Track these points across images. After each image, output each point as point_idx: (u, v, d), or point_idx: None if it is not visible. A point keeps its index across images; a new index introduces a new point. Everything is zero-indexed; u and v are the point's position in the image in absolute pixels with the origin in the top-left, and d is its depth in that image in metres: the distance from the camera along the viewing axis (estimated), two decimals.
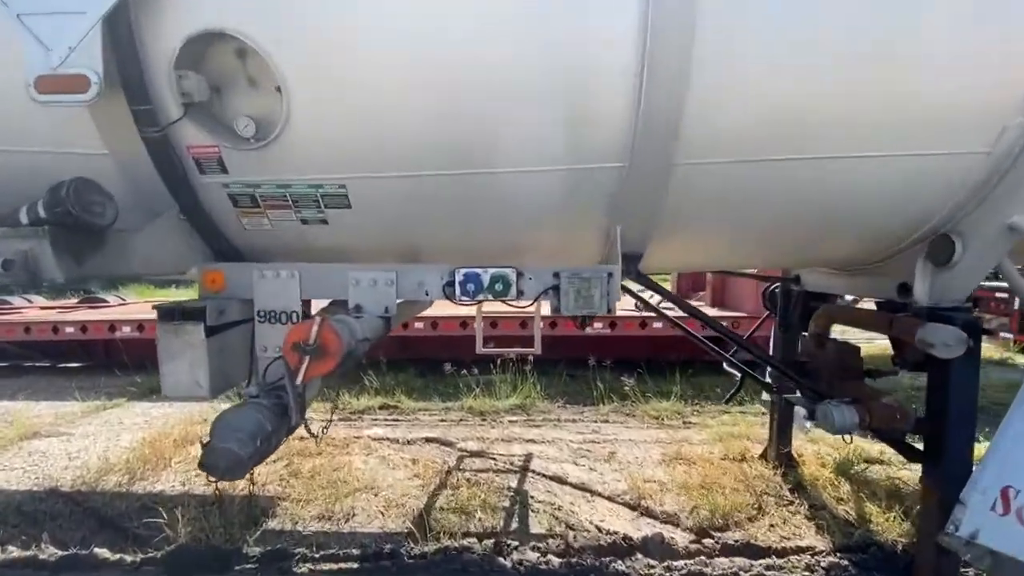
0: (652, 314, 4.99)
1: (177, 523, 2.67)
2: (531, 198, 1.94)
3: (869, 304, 2.87)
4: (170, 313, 1.81)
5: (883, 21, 1.63)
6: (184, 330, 1.81)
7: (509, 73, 1.68)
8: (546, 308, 2.07)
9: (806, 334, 3.05)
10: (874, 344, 4.18)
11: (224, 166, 1.83)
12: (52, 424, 4.51)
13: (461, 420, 4.61)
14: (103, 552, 2.55)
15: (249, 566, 2.47)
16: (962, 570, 2.27)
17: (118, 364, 6.22)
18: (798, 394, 2.92)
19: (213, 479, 1.71)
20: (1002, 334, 7.51)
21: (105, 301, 8.64)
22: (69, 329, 5.93)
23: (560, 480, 3.41)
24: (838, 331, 3.00)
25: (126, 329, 5.87)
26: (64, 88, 1.50)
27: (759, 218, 2.09)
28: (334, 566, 2.48)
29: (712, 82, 1.66)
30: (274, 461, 3.72)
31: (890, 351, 2.49)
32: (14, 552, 2.56)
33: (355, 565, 2.48)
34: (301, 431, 1.99)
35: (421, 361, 5.94)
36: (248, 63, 1.72)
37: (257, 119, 1.76)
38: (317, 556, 2.53)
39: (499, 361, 5.40)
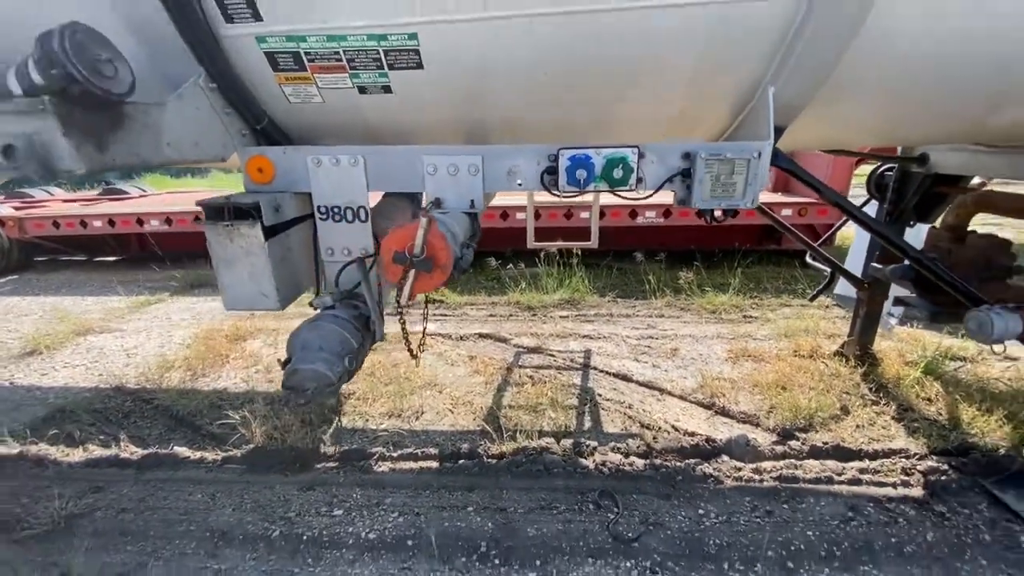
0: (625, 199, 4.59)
1: (251, 422, 2.65)
2: (669, 46, 1.45)
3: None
4: (219, 212, 1.49)
5: None
6: (239, 233, 1.50)
7: None
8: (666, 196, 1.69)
9: (931, 226, 2.64)
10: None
11: (256, 10, 1.37)
12: (102, 320, 4.50)
13: (511, 315, 4.47)
14: (183, 451, 2.56)
15: (329, 465, 2.45)
16: None
17: (152, 258, 6.15)
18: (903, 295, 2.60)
19: (299, 404, 1.53)
20: None
21: (126, 193, 8.37)
22: (97, 223, 5.73)
23: (625, 377, 3.30)
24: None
25: (154, 223, 5.65)
26: None
27: (945, 79, 1.58)
28: (414, 464, 2.45)
29: None
30: None
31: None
32: (96, 451, 2.59)
33: (434, 464, 2.45)
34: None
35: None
36: None
37: None
38: (395, 455, 2.50)
39: (543, 254, 5.12)
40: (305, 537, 2.03)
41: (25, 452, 2.56)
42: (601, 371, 3.40)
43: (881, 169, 3.05)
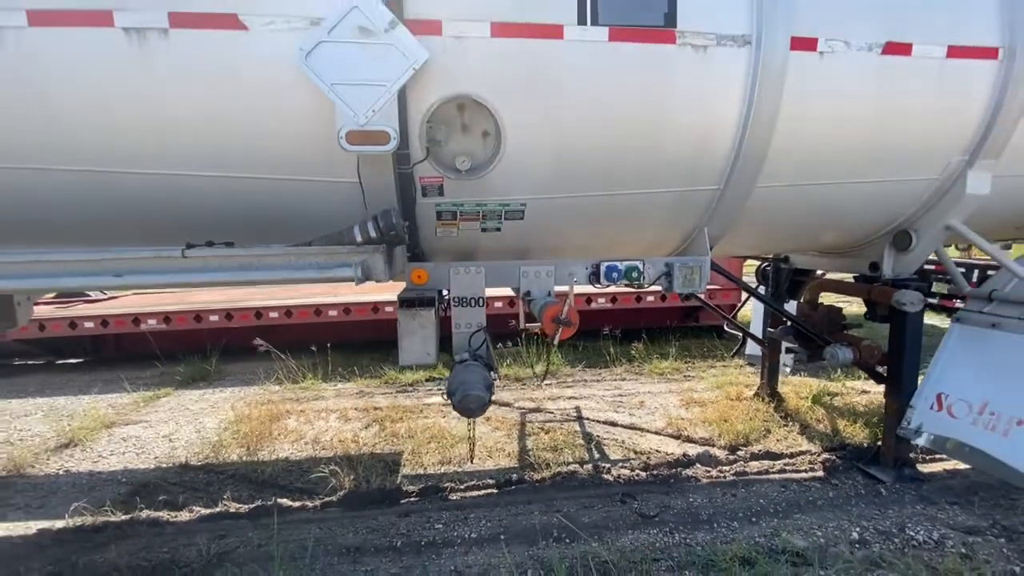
0: (648, 290, 6.04)
1: (339, 474, 3.25)
2: (651, 210, 2.71)
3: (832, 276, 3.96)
4: (411, 302, 2.41)
5: (893, 100, 2.54)
6: (420, 314, 2.42)
7: (657, 123, 2.42)
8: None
9: (797, 301, 4.10)
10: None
11: (442, 190, 2.43)
12: (118, 414, 4.70)
13: (505, 386, 5.35)
14: (285, 501, 3.08)
15: (412, 499, 3.12)
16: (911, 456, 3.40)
17: (126, 358, 6.31)
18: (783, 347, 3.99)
19: (467, 417, 2.38)
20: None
21: (86, 296, 8.32)
22: (89, 324, 5.91)
23: (612, 423, 4.29)
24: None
25: (152, 322, 5.96)
26: (369, 141, 2.05)
27: (790, 221, 3.01)
28: (480, 492, 3.19)
29: (786, 133, 2.50)
30: (367, 427, 4.30)
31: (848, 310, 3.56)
32: (202, 511, 3.03)
33: (495, 490, 3.21)
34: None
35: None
36: (464, 115, 2.33)
37: (469, 156, 2.38)
38: (462, 487, 3.23)
39: (524, 335, 6.16)
40: (423, 542, 2.69)
41: (136, 517, 2.93)
42: (592, 420, 4.37)
43: (764, 265, 4.59)
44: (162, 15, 1.97)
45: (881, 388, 3.45)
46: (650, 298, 6.50)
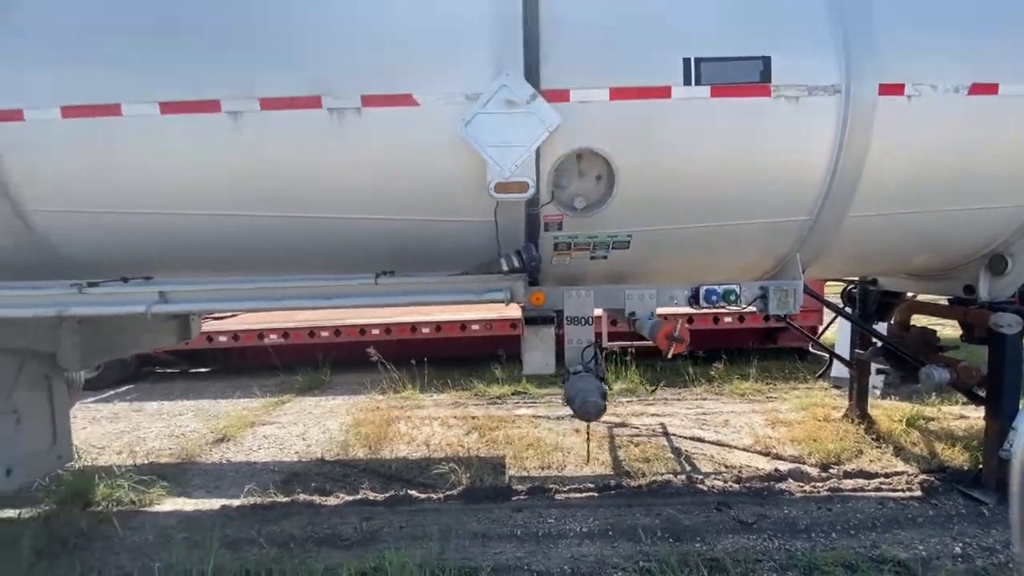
0: (725, 311, 6.18)
1: (458, 472, 3.70)
2: (745, 238, 3.00)
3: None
4: (534, 320, 2.84)
5: (981, 135, 2.72)
6: (542, 331, 2.84)
7: (753, 164, 2.74)
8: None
9: (887, 323, 4.17)
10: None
11: (561, 226, 2.86)
12: (255, 415, 5.45)
13: None
14: (414, 492, 3.56)
15: (523, 497, 3.50)
16: None
17: (247, 368, 7.20)
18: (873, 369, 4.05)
19: (586, 421, 2.76)
20: None
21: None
22: (223, 338, 6.86)
23: (699, 439, 4.49)
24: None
25: (273, 337, 6.82)
26: (512, 190, 2.52)
27: (882, 246, 3.19)
28: (582, 495, 3.52)
29: (876, 168, 2.74)
30: (467, 433, 4.76)
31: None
32: (347, 497, 3.56)
33: (595, 494, 3.52)
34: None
35: None
36: (581, 163, 2.76)
37: (585, 196, 2.80)
38: (565, 489, 3.57)
39: (604, 353, 6.46)
40: (539, 533, 3.05)
41: (295, 499, 3.51)
42: (678, 436, 4.59)
43: (850, 287, 4.66)
44: (356, 98, 2.56)
45: (980, 413, 3.46)
46: (728, 319, 6.61)
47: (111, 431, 5.11)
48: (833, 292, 6.60)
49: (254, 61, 2.59)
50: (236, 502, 3.51)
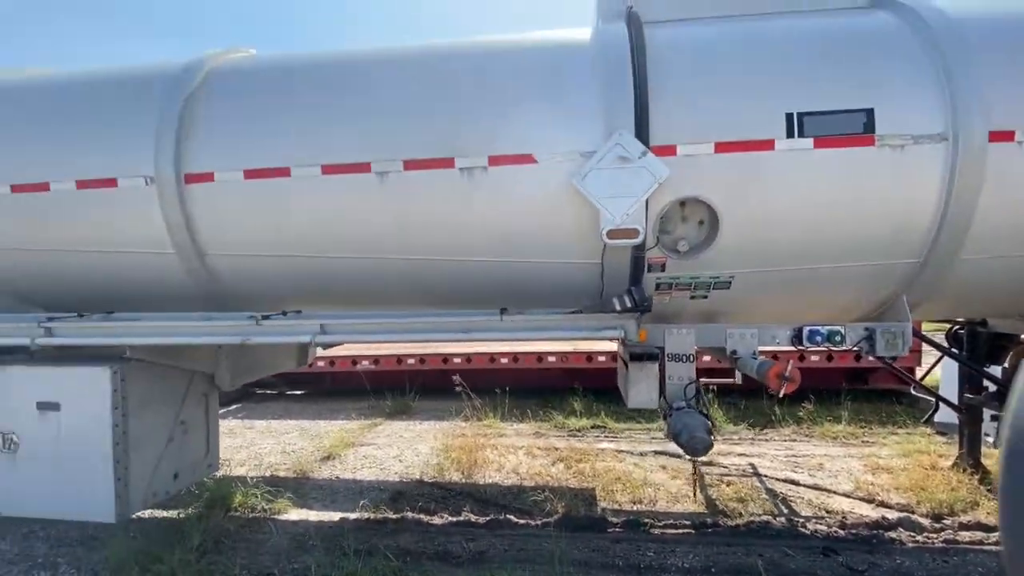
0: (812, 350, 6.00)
1: (551, 500, 3.86)
2: (848, 280, 3.06)
3: None
4: (640, 356, 3.02)
5: None
6: (646, 366, 3.02)
7: (856, 210, 2.83)
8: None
9: (1003, 366, 3.96)
10: None
11: (664, 267, 3.06)
12: (353, 436, 5.89)
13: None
14: (513, 517, 3.75)
15: (618, 529, 3.59)
16: None
17: (338, 392, 7.74)
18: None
19: (693, 456, 2.87)
20: None
21: None
22: (320, 363, 7.48)
23: (793, 482, 4.38)
24: None
25: (365, 363, 7.36)
26: (623, 236, 2.77)
27: (996, 289, 3.12)
28: (679, 531, 3.56)
29: (988, 213, 2.75)
30: (553, 464, 4.90)
31: None
32: (449, 517, 3.81)
33: (692, 531, 3.55)
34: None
35: (611, 390, 6.99)
36: (684, 209, 2.97)
37: (687, 240, 2.99)
38: (660, 524, 3.63)
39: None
40: (640, 565, 3.14)
41: (404, 516, 3.80)
42: (770, 477, 4.50)
43: (955, 328, 4.46)
44: (484, 159, 2.94)
45: None
46: (814, 357, 6.41)
47: (231, 445, 5.69)
48: (932, 331, 6.26)
49: (399, 130, 3.04)
50: (352, 515, 3.85)
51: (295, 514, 3.93)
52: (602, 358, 6.90)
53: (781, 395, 2.73)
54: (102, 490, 3.00)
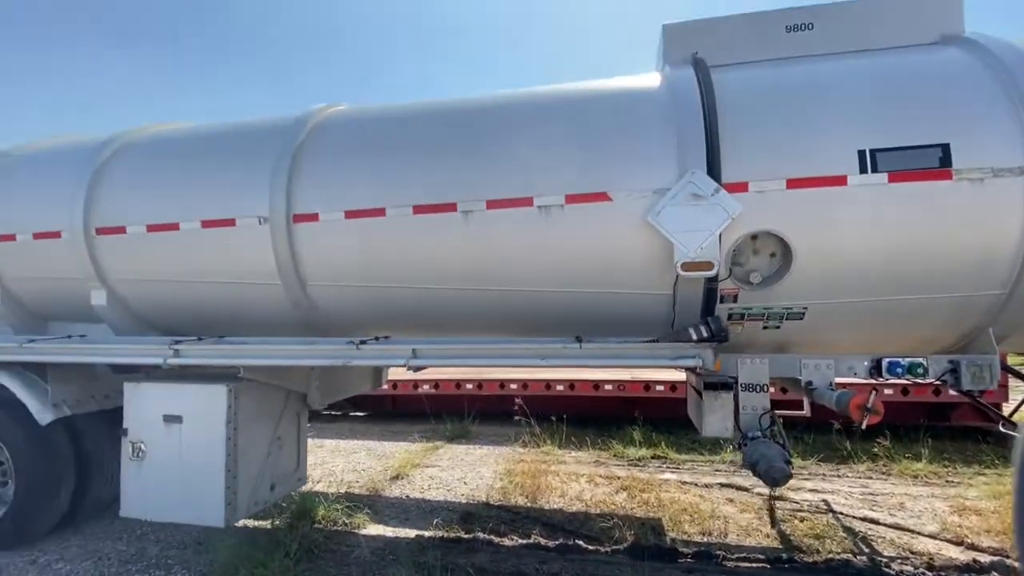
0: (888, 383, 5.76)
1: (620, 528, 3.90)
2: (929, 311, 3.04)
3: None
4: (714, 385, 3.10)
5: None
6: (720, 395, 3.09)
7: (935, 244, 2.84)
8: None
9: None
10: None
11: (736, 298, 3.15)
12: (418, 458, 6.12)
13: (734, 471, 5.54)
14: (582, 543, 3.82)
15: (690, 560, 3.58)
16: None
17: (397, 415, 8.03)
18: None
19: (773, 488, 2.89)
20: None
21: None
22: (384, 386, 7.82)
23: (872, 521, 4.21)
24: None
25: (426, 387, 7.65)
26: (698, 268, 2.90)
27: None
28: (753, 564, 3.51)
29: None
30: (616, 493, 4.92)
31: None
32: (519, 540, 3.92)
33: (767, 565, 3.50)
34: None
35: (669, 419, 6.94)
36: (756, 242, 3.07)
37: (759, 271, 3.08)
38: (732, 556, 3.59)
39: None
40: None
41: (476, 537, 3.94)
42: (847, 515, 4.34)
43: None
44: (561, 197, 3.17)
45: None
46: (889, 391, 6.14)
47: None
48: (1019, 363, 5.88)
49: (482, 172, 3.33)
50: (427, 533, 4.03)
51: (373, 529, 4.15)
52: (660, 387, 6.87)
53: (864, 427, 2.73)
54: (214, 497, 3.33)
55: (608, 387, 7.08)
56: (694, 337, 2.82)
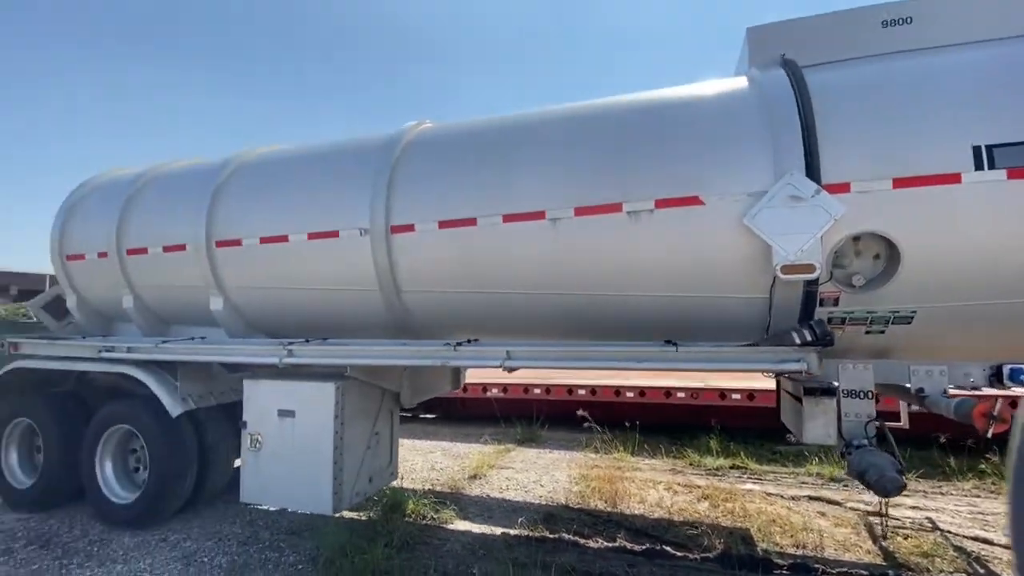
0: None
1: (709, 536, 3.85)
2: None
3: None
4: (814, 390, 3.03)
5: None
6: (822, 402, 3.01)
7: None
8: None
9: None
10: None
11: (837, 302, 3.07)
12: (492, 459, 6.27)
13: (823, 484, 5.30)
14: (669, 549, 3.80)
15: (786, 571, 3.48)
16: None
17: (463, 417, 8.24)
18: None
19: (884, 498, 2.79)
20: None
21: None
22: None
23: (985, 541, 3.91)
24: None
25: (495, 391, 7.83)
26: (798, 271, 2.86)
27: None
28: None
29: None
30: (697, 501, 4.84)
31: None
32: (604, 543, 3.95)
33: None
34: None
35: (745, 429, 6.72)
36: (858, 243, 2.98)
37: (862, 274, 2.99)
38: (833, 571, 3.46)
39: None
40: None
41: (561, 537, 4.02)
42: (957, 534, 4.05)
43: None
44: (651, 202, 3.23)
45: None
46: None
47: None
48: None
49: (571, 181, 3.44)
50: (513, 531, 4.14)
51: (460, 525, 4.32)
52: (736, 396, 6.68)
53: (989, 435, 2.58)
54: (324, 486, 3.61)
55: (680, 395, 6.96)
56: (797, 341, 2.78)
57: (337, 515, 3.83)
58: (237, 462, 4.70)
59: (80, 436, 4.51)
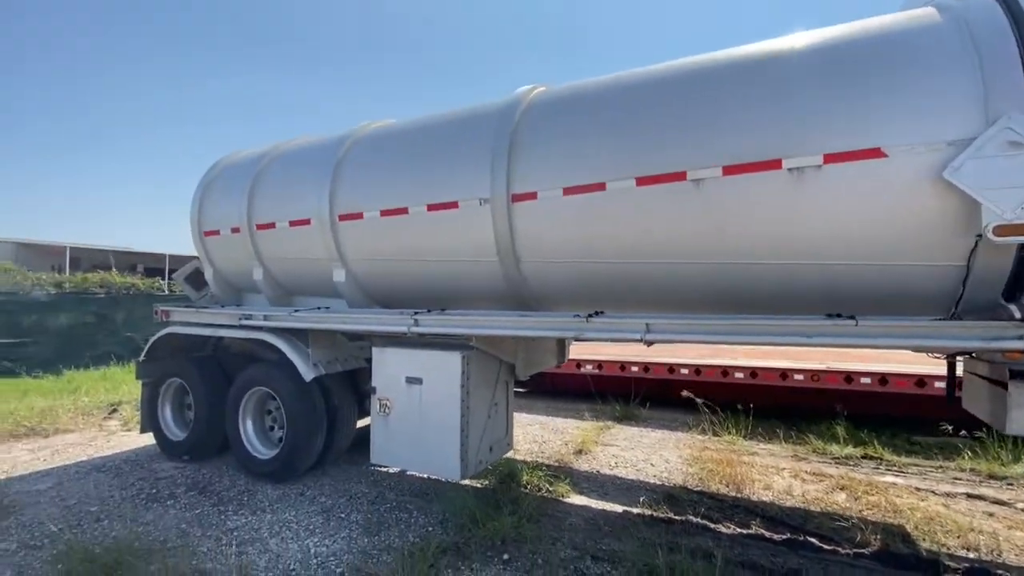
0: None
1: (863, 531, 3.50)
2: None
3: None
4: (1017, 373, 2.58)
5: None
6: None
7: None
8: None
9: None
10: None
11: None
12: (592, 436, 6.17)
13: (981, 481, 4.67)
14: (814, 540, 3.50)
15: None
16: None
17: (553, 392, 8.16)
18: None
19: None
20: None
21: None
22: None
23: None
24: None
25: (589, 367, 7.69)
26: (1017, 233, 2.40)
27: None
28: None
29: None
30: (831, 491, 4.43)
31: None
32: (737, 529, 3.72)
33: None
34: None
35: (874, 416, 6.10)
36: None
37: None
38: None
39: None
40: None
41: (688, 520, 3.83)
42: None
43: None
44: (818, 157, 2.83)
45: None
46: None
47: None
48: None
49: (716, 137, 3.11)
50: (635, 510, 4.02)
51: (577, 500, 4.26)
52: (865, 379, 6.04)
53: None
54: (451, 452, 3.66)
55: (798, 376, 6.42)
56: (1017, 315, 2.34)
57: (463, 481, 3.89)
58: (359, 424, 4.96)
59: (223, 396, 4.93)
